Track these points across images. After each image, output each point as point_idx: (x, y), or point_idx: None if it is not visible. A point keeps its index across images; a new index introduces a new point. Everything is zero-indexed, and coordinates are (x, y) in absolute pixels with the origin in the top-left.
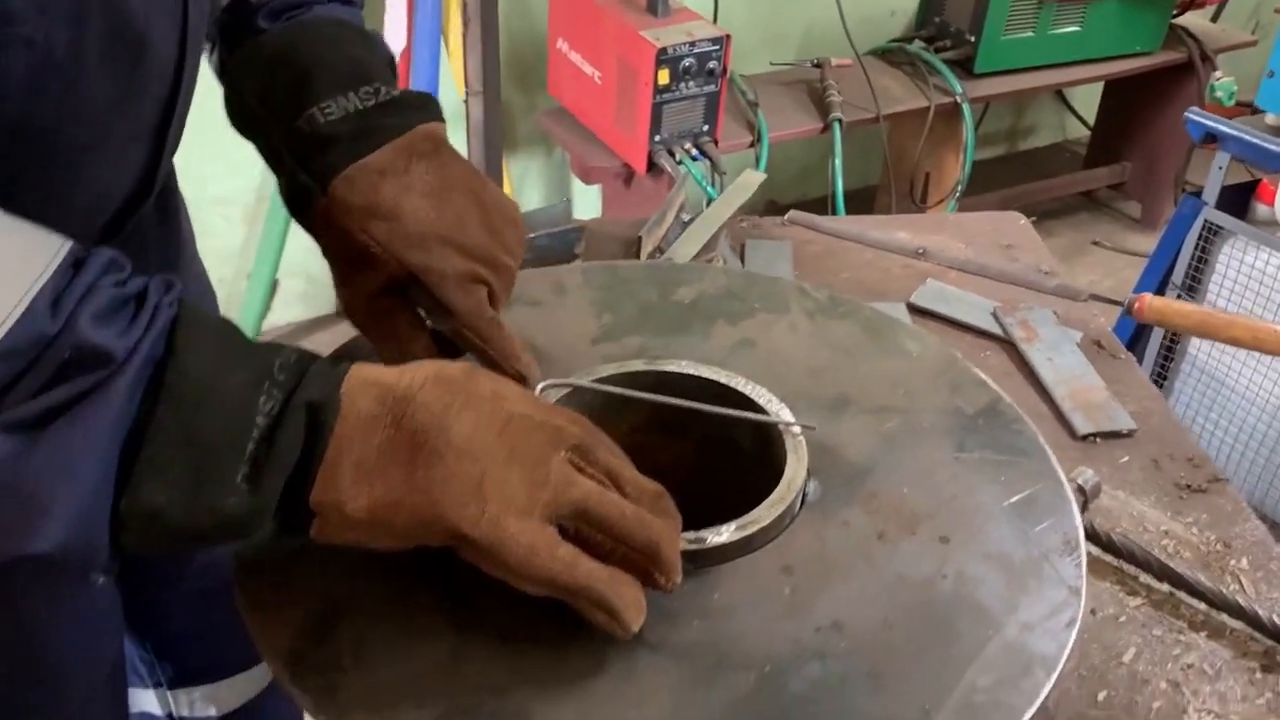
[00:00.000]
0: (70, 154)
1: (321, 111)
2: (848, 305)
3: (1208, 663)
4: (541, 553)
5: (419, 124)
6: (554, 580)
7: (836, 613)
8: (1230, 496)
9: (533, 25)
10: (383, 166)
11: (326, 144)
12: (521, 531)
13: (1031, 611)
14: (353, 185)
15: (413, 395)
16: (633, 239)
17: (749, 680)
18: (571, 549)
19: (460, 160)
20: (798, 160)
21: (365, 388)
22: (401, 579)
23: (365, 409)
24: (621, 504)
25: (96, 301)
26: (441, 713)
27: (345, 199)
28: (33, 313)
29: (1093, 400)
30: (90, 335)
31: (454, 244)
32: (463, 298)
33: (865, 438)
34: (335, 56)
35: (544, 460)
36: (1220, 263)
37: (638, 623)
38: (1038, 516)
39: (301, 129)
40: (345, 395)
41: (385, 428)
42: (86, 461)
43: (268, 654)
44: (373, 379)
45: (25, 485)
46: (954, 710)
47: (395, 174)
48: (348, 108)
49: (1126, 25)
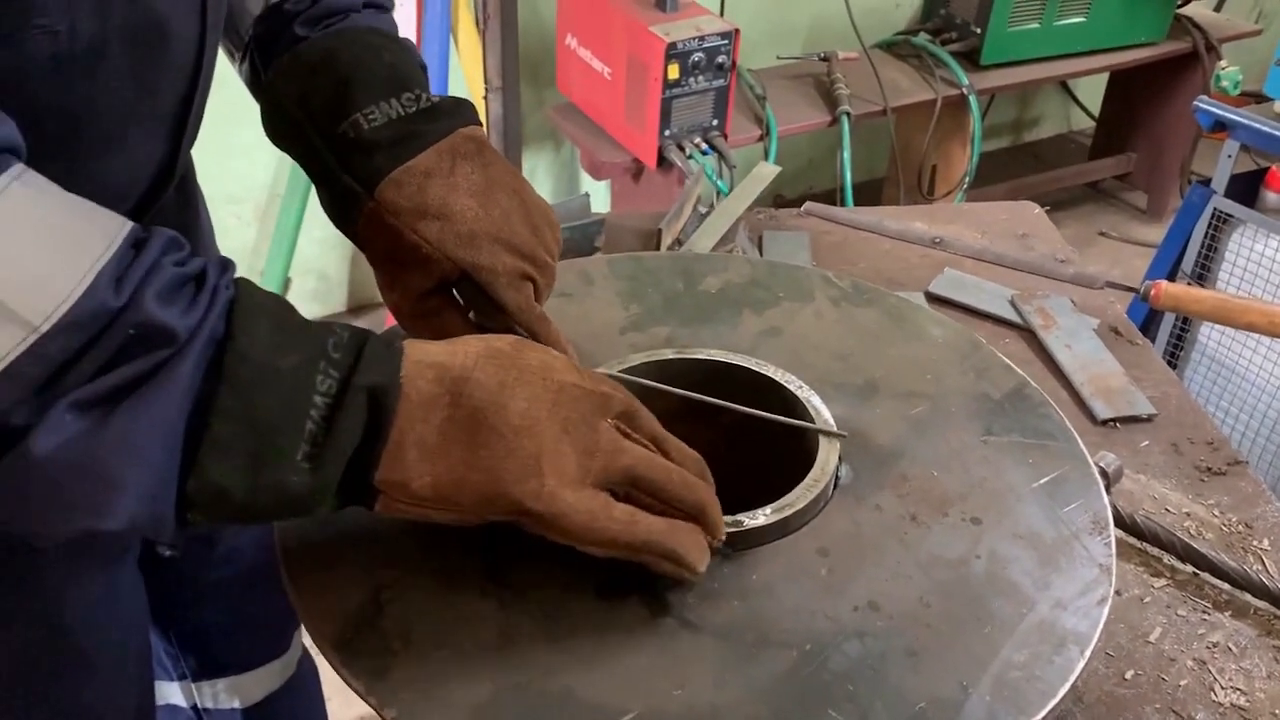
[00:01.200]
0: (94, 142)
1: (365, 118)
2: (872, 292)
3: (1232, 641)
4: (601, 518)
5: (459, 127)
6: (616, 541)
7: (873, 592)
8: (1250, 479)
9: (541, 22)
10: (428, 169)
11: (371, 149)
12: (578, 500)
13: (1064, 590)
14: (400, 188)
15: (469, 374)
16: (652, 231)
17: (790, 658)
18: (627, 509)
19: (502, 160)
20: (804, 153)
21: (423, 369)
22: (446, 561)
23: (425, 390)
24: (669, 468)
25: (159, 280)
26: (491, 692)
27: (394, 201)
28: (96, 288)
29: (1112, 386)
30: (155, 313)
31: (503, 242)
32: (513, 295)
33: (894, 422)
34: (375, 63)
35: (594, 428)
36: (1230, 250)
37: (703, 564)
38: (1066, 497)
39: (346, 134)
40: (405, 378)
41: (445, 407)
42: (154, 441)
43: (318, 639)
44: (430, 360)
45: (97, 464)
46: (991, 686)
47: (441, 175)
48: (390, 114)
49: (1131, 16)
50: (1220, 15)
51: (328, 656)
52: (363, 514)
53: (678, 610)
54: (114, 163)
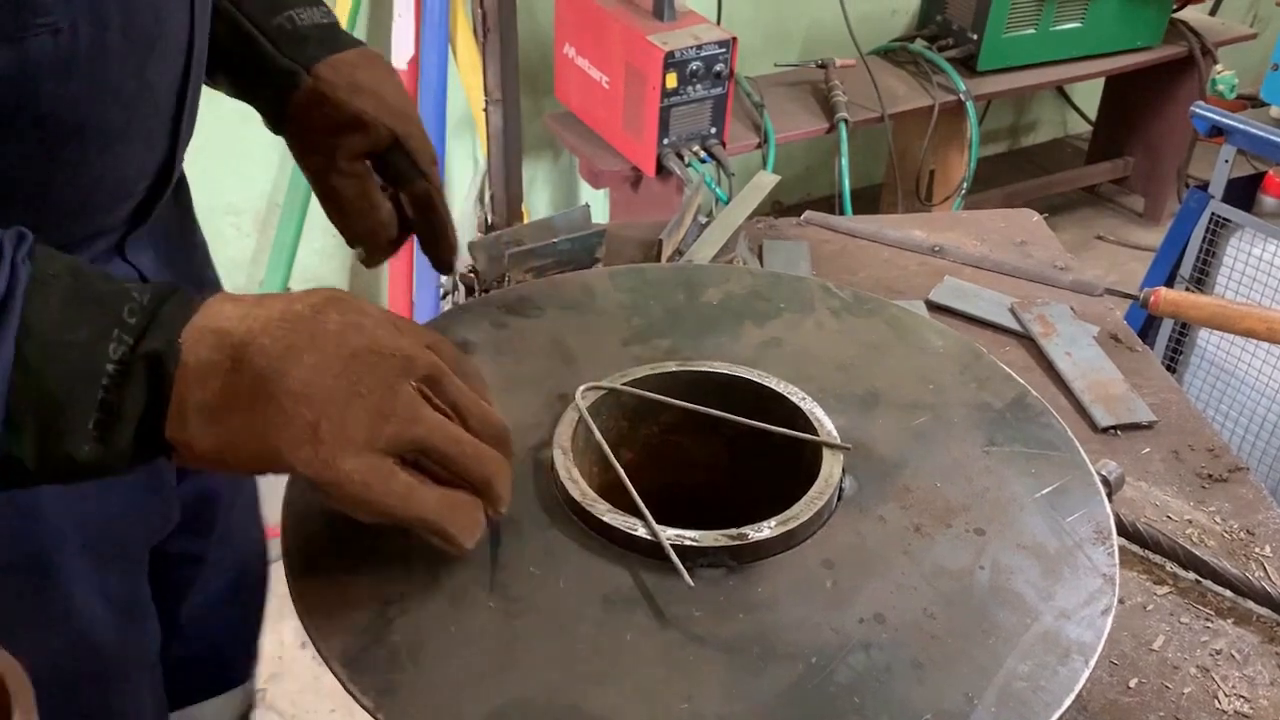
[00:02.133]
0: (99, 139)
1: (296, 16)
2: (872, 303)
3: (1236, 649)
4: (376, 488)
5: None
6: (388, 513)
7: (878, 604)
8: (1251, 485)
9: (539, 31)
10: (354, 61)
11: (305, 39)
12: (355, 469)
13: (1068, 600)
14: (336, 69)
15: (251, 340)
16: (652, 242)
17: (796, 670)
18: (407, 482)
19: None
20: (802, 160)
21: (204, 335)
22: (453, 576)
23: (204, 357)
24: (461, 439)
25: None
26: (499, 706)
27: (331, 79)
28: None
29: (1112, 393)
30: None
31: (416, 123)
32: (431, 166)
33: (897, 433)
34: None
35: (392, 392)
36: (1228, 255)
37: (471, 541)
38: (1069, 507)
39: (283, 25)
40: (184, 344)
41: (224, 373)
42: None
43: (326, 655)
44: (213, 326)
45: None
46: (996, 697)
47: (365, 67)
48: (314, 18)
49: (1127, 20)
50: (1216, 19)
51: (335, 672)
52: (369, 531)
53: (684, 624)
54: (119, 159)
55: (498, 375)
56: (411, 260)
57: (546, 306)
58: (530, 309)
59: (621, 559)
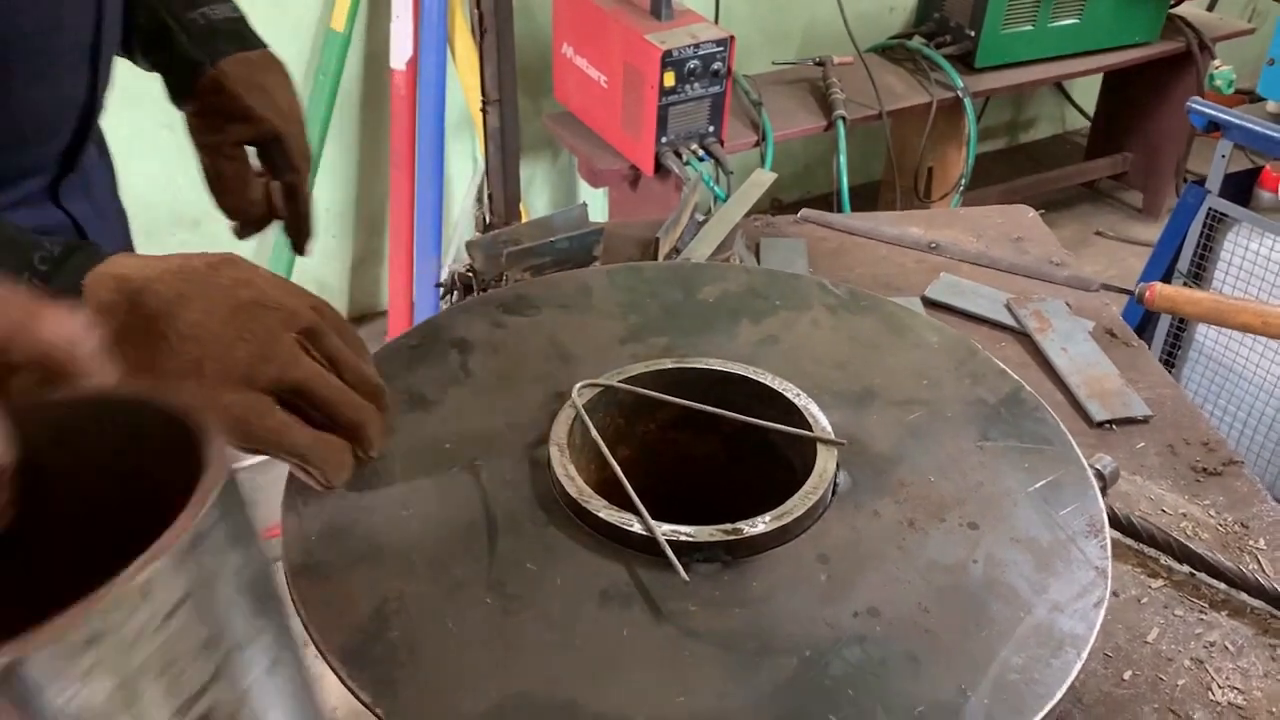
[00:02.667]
0: (21, 74)
1: (210, 11)
2: (868, 300)
3: (1229, 641)
4: (253, 420)
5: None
6: (264, 443)
7: (872, 598)
8: (1246, 479)
9: (537, 31)
10: (257, 62)
11: (215, 34)
12: (234, 403)
13: (1060, 593)
14: (239, 65)
15: (147, 285)
16: (649, 240)
17: (791, 665)
18: (283, 419)
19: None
20: (800, 157)
21: (106, 280)
22: (451, 572)
23: (105, 298)
24: (335, 387)
25: None
26: (497, 702)
27: (234, 73)
28: None
29: (1108, 388)
30: None
31: (298, 124)
32: (304, 163)
33: (891, 429)
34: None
35: (275, 339)
36: (1225, 250)
37: (340, 479)
38: (1062, 501)
39: (197, 20)
40: (87, 286)
41: (122, 314)
42: None
43: (325, 651)
44: (114, 272)
45: None
46: (990, 689)
47: (264, 69)
48: (225, 14)
49: (1125, 16)
50: (1213, 15)
51: (334, 668)
52: (368, 528)
53: (680, 618)
54: (42, 93)
55: (495, 373)
56: (412, 260)
57: (544, 305)
58: (528, 307)
59: (618, 555)
